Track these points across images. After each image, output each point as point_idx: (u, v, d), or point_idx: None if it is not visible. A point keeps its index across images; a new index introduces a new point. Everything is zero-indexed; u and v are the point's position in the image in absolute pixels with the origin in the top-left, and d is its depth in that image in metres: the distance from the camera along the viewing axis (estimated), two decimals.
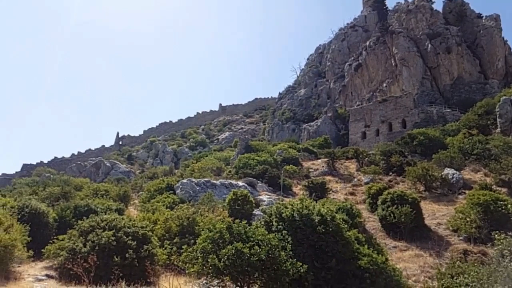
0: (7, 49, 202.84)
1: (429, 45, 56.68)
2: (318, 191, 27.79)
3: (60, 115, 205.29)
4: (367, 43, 65.83)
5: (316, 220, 13.66)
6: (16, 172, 71.60)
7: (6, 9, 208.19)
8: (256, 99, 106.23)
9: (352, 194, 29.72)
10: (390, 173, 32.87)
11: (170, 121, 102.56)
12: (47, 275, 15.35)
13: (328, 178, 33.90)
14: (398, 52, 57.64)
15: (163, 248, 17.37)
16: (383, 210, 21.72)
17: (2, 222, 14.71)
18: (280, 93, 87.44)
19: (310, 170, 37.91)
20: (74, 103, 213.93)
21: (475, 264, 14.27)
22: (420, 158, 34.09)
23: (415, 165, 30.26)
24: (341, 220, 14.87)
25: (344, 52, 75.09)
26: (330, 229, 13.52)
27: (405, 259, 17.79)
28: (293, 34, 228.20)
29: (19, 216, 17.62)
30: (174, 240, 18.41)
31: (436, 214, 23.12)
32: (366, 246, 14.11)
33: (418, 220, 20.67)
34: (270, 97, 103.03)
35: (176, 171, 50.10)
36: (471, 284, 10.93)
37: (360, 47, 68.49)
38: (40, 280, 14.69)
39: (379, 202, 22.78)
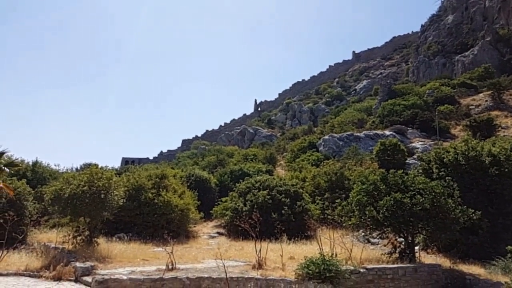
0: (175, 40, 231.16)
1: None
2: (484, 129, 24.84)
3: (206, 92, 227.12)
4: None
5: (487, 162, 12.42)
6: (178, 148, 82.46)
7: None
8: (394, 37, 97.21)
9: None
10: None
11: (303, 80, 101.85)
12: (217, 233, 17.67)
13: (494, 113, 29.79)
14: None
15: (315, 204, 17.92)
16: None
17: (176, 190, 17.08)
18: (422, 25, 77.58)
19: (471, 107, 33.88)
20: (216, 80, 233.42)
21: None
22: None
23: None
24: None
25: None
26: (506, 170, 12.21)
27: None
28: None
29: (188, 184, 20.57)
30: (325, 196, 18.81)
31: None
32: None
33: None
34: (410, 33, 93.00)
35: (315, 129, 50.36)
36: None
37: None
38: (213, 237, 16.93)
39: None
